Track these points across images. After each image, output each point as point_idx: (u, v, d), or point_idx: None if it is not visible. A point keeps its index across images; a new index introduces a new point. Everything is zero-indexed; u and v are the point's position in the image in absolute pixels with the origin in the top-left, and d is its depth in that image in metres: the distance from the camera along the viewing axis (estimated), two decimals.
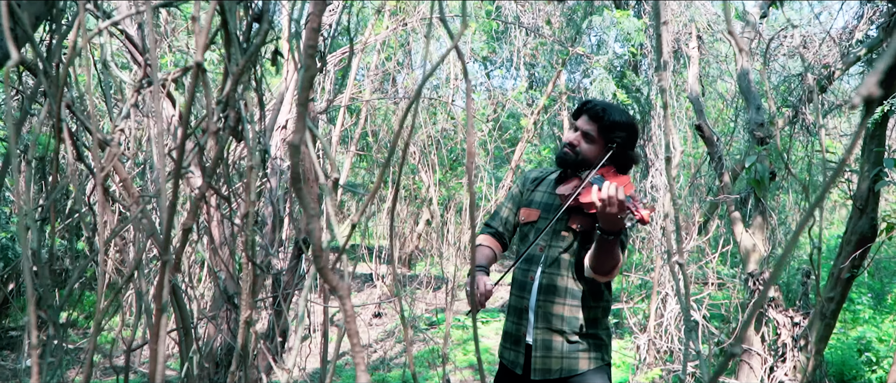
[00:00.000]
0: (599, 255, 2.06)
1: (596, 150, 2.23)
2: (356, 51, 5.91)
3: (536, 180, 2.46)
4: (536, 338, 2.23)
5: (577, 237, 2.26)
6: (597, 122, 2.20)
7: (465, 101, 3.14)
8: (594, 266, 2.11)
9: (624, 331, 7.71)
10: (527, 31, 7.80)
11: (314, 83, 2.73)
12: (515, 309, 2.33)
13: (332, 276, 0.66)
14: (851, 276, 3.72)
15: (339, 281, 0.67)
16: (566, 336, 2.21)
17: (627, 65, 6.39)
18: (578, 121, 2.25)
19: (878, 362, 5.72)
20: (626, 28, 5.68)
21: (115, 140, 1.08)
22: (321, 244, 0.65)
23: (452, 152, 9.79)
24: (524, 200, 2.43)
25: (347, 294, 0.68)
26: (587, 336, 2.24)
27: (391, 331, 7.79)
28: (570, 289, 2.23)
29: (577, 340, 2.22)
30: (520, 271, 2.32)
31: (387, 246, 9.18)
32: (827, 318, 3.82)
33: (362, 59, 7.23)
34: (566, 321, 2.21)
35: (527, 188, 2.45)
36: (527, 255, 2.29)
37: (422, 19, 6.26)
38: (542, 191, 2.40)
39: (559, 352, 2.21)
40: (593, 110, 2.21)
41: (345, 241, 0.86)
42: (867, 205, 3.62)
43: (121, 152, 1.05)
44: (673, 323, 4.51)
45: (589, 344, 2.24)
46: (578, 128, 2.24)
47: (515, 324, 2.31)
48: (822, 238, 2.01)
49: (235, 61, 1.06)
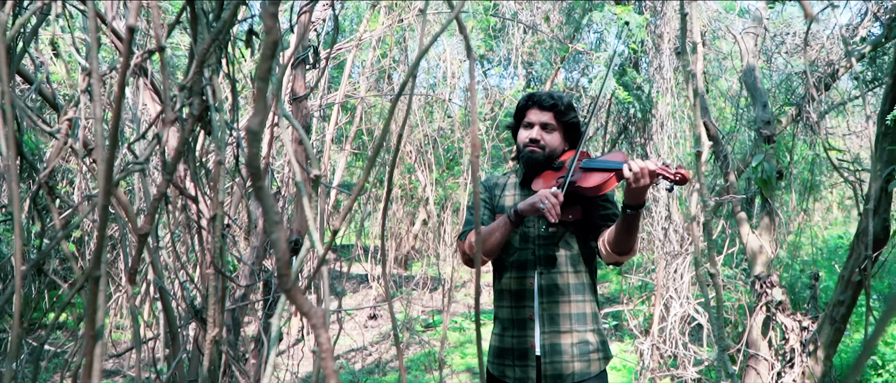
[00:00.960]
0: (627, 233, 1.97)
1: (558, 139, 2.21)
2: (350, 47, 5.77)
3: (495, 186, 2.38)
4: (545, 344, 2.10)
5: (569, 228, 2.18)
6: (552, 110, 2.18)
7: (469, 79, 2.40)
8: (619, 247, 2.02)
9: (624, 333, 7.59)
10: (524, 28, 7.67)
11: (308, 78, 2.58)
12: (515, 321, 2.17)
13: (302, 301, 0.52)
14: (862, 279, 3.59)
15: (313, 306, 0.52)
16: (575, 334, 2.11)
17: (628, 61, 6.24)
18: (530, 116, 2.21)
19: (883, 366, 5.60)
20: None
21: (63, 132, 0.94)
22: (286, 259, 0.50)
23: (449, 151, 9.66)
24: (496, 207, 2.31)
25: (322, 322, 0.53)
26: (594, 331, 2.15)
27: (387, 334, 7.65)
28: (573, 284, 2.14)
29: (585, 339, 2.11)
30: (513, 281, 2.19)
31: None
32: (837, 323, 3.69)
33: (357, 57, 7.08)
34: (574, 318, 2.12)
35: (494, 194, 2.35)
36: (517, 262, 2.19)
37: (418, 14, 6.12)
38: (511, 194, 2.31)
39: (570, 355, 2.09)
40: (543, 100, 2.19)
41: (324, 251, 0.72)
42: (880, 206, 3.49)
43: (68, 146, 0.91)
44: (677, 327, 4.38)
45: (597, 342, 2.15)
46: (533, 122, 2.19)
47: (517, 338, 2.15)
48: (823, 239, 1.89)
49: (202, 41, 0.92)
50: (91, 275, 0.57)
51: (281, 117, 0.85)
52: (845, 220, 12.10)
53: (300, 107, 2.62)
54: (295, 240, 2.79)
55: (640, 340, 4.70)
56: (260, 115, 0.49)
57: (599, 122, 9.04)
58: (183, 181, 1.10)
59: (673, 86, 6.06)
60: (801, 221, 7.96)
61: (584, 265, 2.18)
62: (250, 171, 0.49)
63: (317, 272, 0.76)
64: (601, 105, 6.85)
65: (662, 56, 6.05)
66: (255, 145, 0.49)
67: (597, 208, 2.17)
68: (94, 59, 0.71)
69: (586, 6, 6.50)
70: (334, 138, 6.79)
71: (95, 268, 0.57)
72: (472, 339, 7.59)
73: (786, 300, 3.96)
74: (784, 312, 3.87)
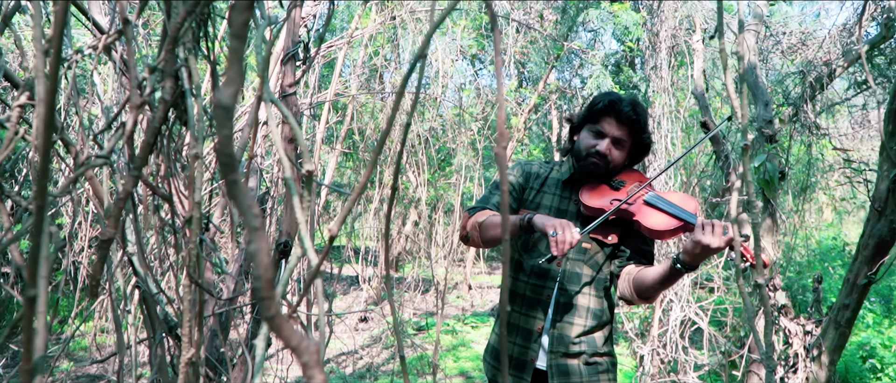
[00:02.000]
0: (663, 286, 1.79)
1: (624, 155, 1.99)
2: (342, 45, 5.64)
3: (533, 175, 2.12)
4: (551, 364, 1.94)
5: (604, 249, 1.98)
6: (629, 126, 1.93)
7: (494, 53, 2.23)
8: (647, 294, 1.85)
9: (619, 336, 7.49)
10: (517, 27, 7.56)
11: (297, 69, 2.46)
12: (521, 329, 2.01)
13: (290, 333, 0.40)
14: (868, 282, 3.50)
15: (303, 339, 0.40)
16: (585, 358, 1.94)
17: (624, 60, 6.15)
18: (603, 124, 1.95)
19: (882, 369, 5.54)
20: (624, 21, 5.46)
21: (13, 120, 0.81)
22: (269, 277, 0.38)
23: (441, 151, 9.54)
24: (529, 200, 2.07)
25: (315, 357, 0.41)
26: (605, 355, 1.98)
27: (378, 337, 7.51)
28: (592, 309, 1.96)
29: (595, 361, 1.95)
30: (529, 287, 2.00)
31: (374, 247, 8.90)
32: (841, 327, 3.60)
33: (348, 55, 6.95)
34: (586, 342, 1.95)
35: (530, 186, 2.10)
36: (538, 269, 1.98)
37: (410, 12, 6.01)
38: (551, 193, 2.06)
39: (578, 377, 1.93)
40: (622, 112, 1.92)
41: (318, 262, 0.60)
42: (886, 207, 3.40)
43: (18, 138, 0.78)
44: (677, 331, 4.27)
45: (607, 364, 1.99)
46: (606, 133, 1.95)
47: (521, 347, 2.00)
48: (817, 241, 1.79)
49: (176, 14, 0.79)
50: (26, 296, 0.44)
51: (268, 102, 0.73)
52: (837, 222, 12.07)
53: (290, 103, 2.49)
54: (284, 242, 2.66)
55: (638, 344, 4.60)
56: (232, 86, 0.37)
57: None
58: (157, 178, 0.98)
59: (669, 85, 5.98)
60: (797, 223, 7.90)
61: (605, 289, 2.01)
62: (221, 161, 0.37)
63: (308, 287, 0.64)
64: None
65: (659, 55, 5.97)
66: (227, 125, 0.36)
67: (637, 240, 1.99)
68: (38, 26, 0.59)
69: (581, 5, 6.40)
70: (325, 137, 6.65)
71: (31, 285, 0.45)
72: (465, 343, 7.47)
73: (788, 304, 3.87)
74: (787, 316, 3.78)
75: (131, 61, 0.71)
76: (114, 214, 0.75)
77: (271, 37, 1.22)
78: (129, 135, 0.75)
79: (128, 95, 0.82)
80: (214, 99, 0.35)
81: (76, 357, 6.79)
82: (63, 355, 6.35)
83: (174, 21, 0.77)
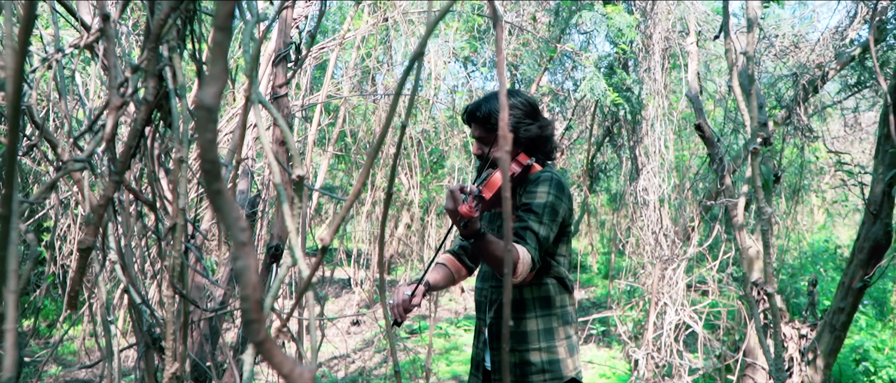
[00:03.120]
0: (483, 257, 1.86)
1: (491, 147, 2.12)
2: (334, 46, 5.60)
3: None
4: (494, 361, 2.05)
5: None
6: (479, 124, 2.10)
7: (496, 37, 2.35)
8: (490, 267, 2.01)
9: (612, 339, 7.47)
10: (510, 29, 7.53)
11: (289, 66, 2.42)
12: (477, 331, 2.16)
13: (281, 359, 0.36)
14: (863, 286, 3.48)
15: (295, 365, 0.36)
16: (516, 353, 1.99)
17: (617, 62, 6.13)
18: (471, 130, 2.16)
19: (876, 372, 5.53)
20: (617, 23, 5.44)
21: None
22: (257, 298, 0.34)
23: (434, 154, 9.49)
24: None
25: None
26: (541, 351, 1.97)
27: (370, 340, 7.46)
28: (527, 299, 2.02)
29: (526, 360, 1.97)
30: (476, 291, 2.18)
31: (365, 250, 8.84)
32: (837, 330, 3.58)
33: (340, 57, 6.90)
34: (516, 336, 2.01)
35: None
36: (480, 272, 2.18)
37: (403, 14, 5.97)
38: None
39: (513, 374, 1.99)
40: (470, 115, 2.12)
41: (310, 273, 0.56)
42: (881, 210, 3.39)
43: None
44: (672, 335, 4.25)
45: (542, 362, 1.97)
46: (474, 135, 2.14)
47: (476, 348, 2.16)
48: (809, 243, 1.76)
49: (159, 10, 0.75)
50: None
51: (256, 104, 0.69)
52: (829, 224, 12.11)
53: (281, 105, 2.45)
54: (275, 246, 2.61)
55: (632, 348, 4.57)
56: (216, 84, 0.33)
57: (585, 125, 8.94)
58: (141, 184, 0.94)
59: (662, 87, 5.97)
60: (789, 225, 7.91)
61: (537, 277, 2.00)
62: (204, 168, 0.33)
63: (300, 298, 0.60)
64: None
65: (652, 57, 5.95)
66: (209, 128, 0.32)
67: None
68: (9, 22, 0.55)
69: (573, 6, 6.37)
70: (316, 140, 6.60)
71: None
72: (457, 346, 7.43)
73: (783, 307, 3.85)
74: (783, 320, 3.76)
75: (111, 61, 0.67)
76: (93, 222, 0.71)
77: (261, 35, 1.17)
78: (108, 137, 0.71)
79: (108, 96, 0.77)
80: (196, 98, 0.31)
81: (65, 361, 6.71)
82: (51, 359, 6.27)
83: (157, 17, 0.73)
